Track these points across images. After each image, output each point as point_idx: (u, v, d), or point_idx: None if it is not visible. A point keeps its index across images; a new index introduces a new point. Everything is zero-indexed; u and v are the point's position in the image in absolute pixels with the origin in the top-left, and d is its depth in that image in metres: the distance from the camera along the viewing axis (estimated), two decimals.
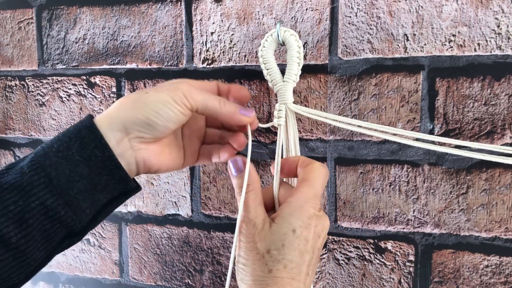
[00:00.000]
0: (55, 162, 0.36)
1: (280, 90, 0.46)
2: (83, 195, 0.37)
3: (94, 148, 0.37)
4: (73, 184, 0.37)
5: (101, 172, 0.38)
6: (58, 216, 0.36)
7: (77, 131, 0.38)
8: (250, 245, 0.38)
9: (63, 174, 0.36)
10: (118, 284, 0.66)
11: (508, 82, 0.46)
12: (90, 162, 0.37)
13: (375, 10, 0.49)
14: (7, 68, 0.68)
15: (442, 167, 0.49)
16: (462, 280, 0.50)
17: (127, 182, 0.39)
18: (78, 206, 0.37)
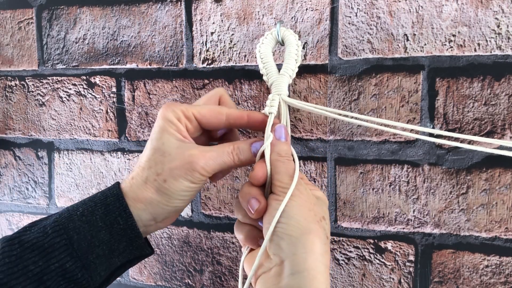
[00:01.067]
0: (78, 226, 0.37)
1: (275, 82, 0.45)
2: (101, 259, 0.38)
3: (118, 216, 0.38)
4: (93, 249, 0.38)
5: (121, 239, 0.39)
6: (75, 278, 0.37)
7: (104, 197, 0.39)
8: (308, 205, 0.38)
9: (85, 238, 0.37)
10: (118, 284, 0.66)
11: (508, 82, 0.46)
12: (112, 229, 0.38)
13: (375, 10, 0.49)
14: (7, 68, 0.68)
15: (442, 167, 0.49)
16: (462, 280, 0.50)
17: (144, 249, 0.41)
18: (95, 269, 0.38)
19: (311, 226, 0.36)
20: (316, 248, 0.35)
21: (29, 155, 0.68)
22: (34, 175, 0.68)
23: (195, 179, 0.39)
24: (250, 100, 0.55)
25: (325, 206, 0.41)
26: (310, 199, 0.38)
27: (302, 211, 0.37)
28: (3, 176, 0.71)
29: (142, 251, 0.41)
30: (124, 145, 0.62)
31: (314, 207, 0.38)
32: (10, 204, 0.71)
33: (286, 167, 0.39)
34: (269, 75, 0.46)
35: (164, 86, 0.59)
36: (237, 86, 0.56)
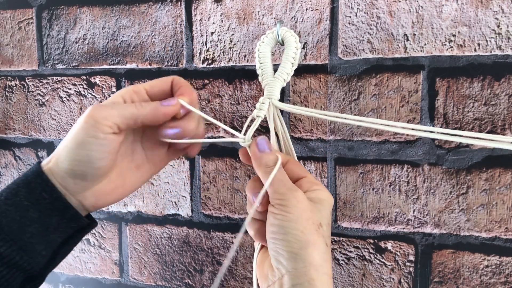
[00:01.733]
0: (4, 210, 0.37)
1: (269, 85, 0.45)
2: (36, 238, 0.37)
3: (42, 191, 0.37)
4: (24, 229, 0.37)
5: (51, 213, 0.38)
6: (14, 262, 0.36)
7: (25, 177, 0.38)
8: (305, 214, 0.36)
9: (14, 220, 0.36)
10: (118, 284, 0.66)
11: (508, 82, 0.46)
12: (39, 205, 0.37)
13: (375, 10, 0.49)
14: (7, 68, 0.68)
15: (442, 167, 0.49)
16: (462, 280, 0.50)
17: (80, 220, 0.39)
18: (32, 249, 0.37)
19: (310, 238, 0.36)
20: (315, 260, 0.35)
21: (29, 155, 0.68)
22: None
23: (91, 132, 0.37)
24: (250, 100, 0.55)
25: (327, 209, 0.39)
26: (308, 207, 0.37)
27: (299, 223, 0.36)
28: (3, 176, 0.71)
29: (79, 223, 0.39)
30: None
31: (312, 215, 0.37)
32: None
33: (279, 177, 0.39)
34: (263, 77, 0.46)
35: None
36: (237, 86, 0.56)
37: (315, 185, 0.40)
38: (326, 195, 0.40)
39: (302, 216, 0.36)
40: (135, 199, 0.63)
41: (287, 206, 0.37)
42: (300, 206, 0.37)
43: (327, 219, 0.38)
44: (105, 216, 0.65)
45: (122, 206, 0.64)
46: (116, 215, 0.64)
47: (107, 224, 0.65)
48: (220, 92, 0.57)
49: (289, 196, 0.37)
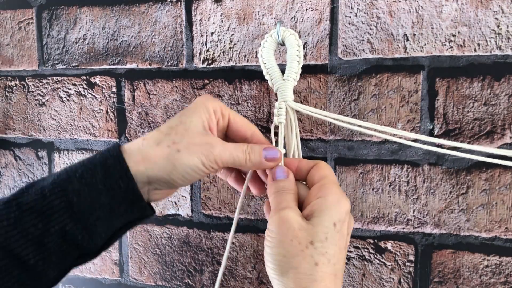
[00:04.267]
0: (77, 188, 0.37)
1: (280, 88, 0.45)
2: (102, 221, 0.38)
3: (119, 179, 0.37)
4: (93, 211, 0.37)
5: (122, 202, 0.38)
6: (76, 240, 0.37)
7: (104, 159, 0.38)
8: (290, 234, 0.36)
9: (85, 201, 0.37)
10: (118, 284, 0.66)
11: (508, 82, 0.46)
12: (113, 192, 0.37)
13: (375, 10, 0.49)
14: (7, 68, 0.68)
15: (442, 167, 0.49)
16: (462, 280, 0.50)
17: (145, 210, 0.40)
18: (95, 231, 0.37)
19: (291, 262, 0.35)
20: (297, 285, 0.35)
21: (29, 155, 0.68)
22: (34, 175, 0.68)
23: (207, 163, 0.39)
24: (250, 100, 0.55)
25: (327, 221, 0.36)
26: (294, 225, 0.36)
27: (282, 247, 0.36)
28: (3, 176, 0.71)
29: (143, 213, 0.40)
30: None
31: (299, 234, 0.36)
32: None
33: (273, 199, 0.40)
34: (273, 81, 0.46)
35: (164, 86, 0.59)
36: (237, 86, 0.56)
37: (322, 191, 0.38)
38: (330, 202, 0.37)
39: (286, 238, 0.36)
40: None
41: (270, 230, 0.37)
42: (284, 227, 0.36)
43: (326, 233, 0.36)
44: None
45: None
46: None
47: None
48: (220, 92, 0.57)
49: (273, 218, 0.37)
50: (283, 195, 0.39)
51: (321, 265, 0.35)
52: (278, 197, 0.39)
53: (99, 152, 0.39)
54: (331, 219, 0.36)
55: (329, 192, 0.38)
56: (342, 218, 0.37)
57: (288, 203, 0.38)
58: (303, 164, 0.42)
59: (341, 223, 0.37)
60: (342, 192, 0.38)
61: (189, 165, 0.38)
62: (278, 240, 0.36)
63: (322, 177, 0.39)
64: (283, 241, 0.36)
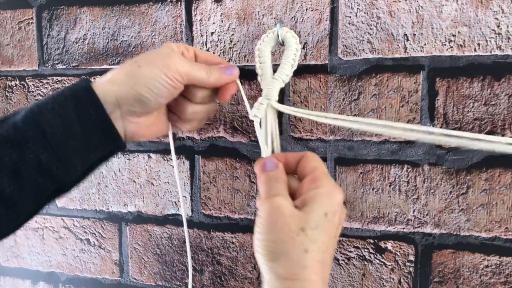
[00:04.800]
0: (50, 118, 0.37)
1: (267, 86, 0.45)
2: (76, 152, 0.38)
3: (89, 107, 0.38)
4: (66, 141, 0.37)
5: (94, 131, 0.38)
6: (51, 171, 0.37)
7: (73, 91, 0.39)
8: (281, 220, 0.36)
9: (58, 131, 0.37)
10: (118, 284, 0.66)
11: (508, 82, 0.46)
12: (84, 121, 0.38)
13: (375, 10, 0.49)
14: (7, 68, 0.68)
15: (442, 167, 0.49)
16: (462, 280, 0.50)
17: (118, 142, 0.40)
18: (70, 162, 0.38)
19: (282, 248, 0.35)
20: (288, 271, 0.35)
21: None
22: None
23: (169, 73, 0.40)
24: (250, 100, 0.55)
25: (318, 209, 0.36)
26: (285, 212, 0.36)
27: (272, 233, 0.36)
28: None
29: (116, 145, 0.40)
30: None
31: (290, 221, 0.36)
32: None
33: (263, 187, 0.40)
34: (263, 77, 0.46)
35: None
36: None
37: (315, 182, 0.38)
38: (322, 193, 0.37)
39: (277, 224, 0.36)
40: (135, 199, 0.63)
41: (261, 216, 0.37)
42: (275, 214, 0.36)
43: (317, 221, 0.36)
44: (105, 216, 0.65)
45: (122, 206, 0.64)
46: (116, 215, 0.65)
47: (107, 224, 0.65)
48: None
49: (264, 205, 0.37)
50: (273, 183, 0.39)
51: (310, 252, 0.35)
52: (268, 185, 0.39)
53: (67, 86, 0.40)
54: (322, 209, 0.36)
55: (322, 184, 0.38)
56: (333, 209, 0.37)
57: (278, 190, 0.38)
58: (290, 156, 0.42)
59: (333, 213, 0.37)
60: (335, 183, 0.39)
61: (151, 76, 0.39)
62: (268, 226, 0.36)
63: (313, 169, 0.39)
64: (274, 227, 0.36)
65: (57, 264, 0.69)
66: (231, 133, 0.57)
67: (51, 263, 0.69)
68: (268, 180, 0.39)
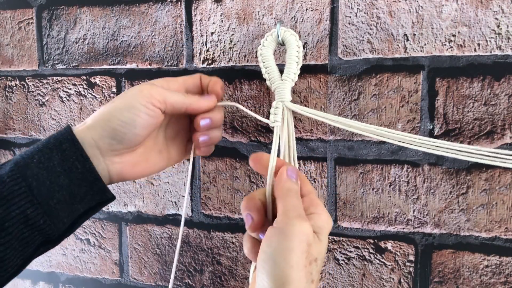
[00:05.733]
0: (36, 172, 0.37)
1: (278, 88, 0.45)
2: (62, 205, 0.38)
3: (75, 160, 0.38)
4: (53, 194, 0.37)
5: (81, 183, 0.39)
6: (37, 225, 0.37)
7: (59, 143, 0.39)
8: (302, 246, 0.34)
9: (44, 184, 0.37)
10: (118, 284, 0.66)
11: (508, 82, 0.46)
12: (70, 173, 0.38)
13: (375, 10, 0.49)
14: (7, 68, 0.68)
15: (442, 167, 0.49)
16: (462, 280, 0.50)
17: (105, 193, 0.40)
18: (57, 215, 0.38)
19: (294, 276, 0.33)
20: None
21: None
22: None
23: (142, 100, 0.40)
24: (250, 100, 0.55)
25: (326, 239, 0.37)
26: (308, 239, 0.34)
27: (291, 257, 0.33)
28: None
29: (103, 196, 0.40)
30: None
31: (309, 249, 0.34)
32: None
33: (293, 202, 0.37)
34: (271, 80, 0.46)
35: None
36: (237, 86, 0.56)
37: (313, 206, 0.37)
38: (325, 220, 0.37)
39: (299, 249, 0.34)
40: (135, 199, 0.63)
41: (287, 234, 0.34)
42: (300, 238, 0.34)
43: (324, 252, 0.36)
44: (105, 216, 0.65)
45: (122, 206, 0.64)
46: (116, 215, 0.65)
47: (107, 224, 0.65)
48: None
49: (295, 223, 0.34)
50: (298, 200, 0.37)
51: (315, 282, 0.35)
52: (295, 201, 0.37)
53: (52, 136, 0.40)
54: (327, 237, 0.37)
55: (322, 209, 0.37)
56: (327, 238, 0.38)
57: (302, 211, 0.36)
58: None
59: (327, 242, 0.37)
60: None
61: (122, 107, 0.40)
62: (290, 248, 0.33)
63: (309, 192, 0.40)
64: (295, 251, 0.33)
65: (57, 264, 0.69)
66: (231, 133, 0.57)
67: (51, 263, 0.69)
68: (291, 192, 0.37)
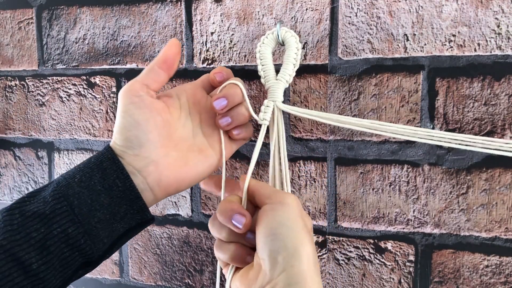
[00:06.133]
0: (77, 191, 0.38)
1: (272, 87, 0.45)
2: (103, 224, 0.38)
3: (116, 178, 0.39)
4: (94, 213, 0.38)
5: (121, 202, 0.39)
6: (78, 244, 0.37)
7: (99, 162, 0.39)
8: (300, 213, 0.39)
9: (85, 203, 0.37)
10: (118, 284, 0.66)
11: (508, 82, 0.46)
12: (111, 192, 0.38)
13: (375, 10, 0.49)
14: (7, 68, 0.68)
15: (442, 167, 0.49)
16: (462, 280, 0.50)
17: (145, 213, 0.40)
18: (97, 235, 0.38)
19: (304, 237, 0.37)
20: (311, 258, 0.36)
21: (29, 155, 0.68)
22: (34, 175, 0.68)
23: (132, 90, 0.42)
24: (250, 100, 0.55)
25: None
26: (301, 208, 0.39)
27: (298, 221, 0.37)
28: (3, 176, 0.71)
29: (144, 216, 0.40)
30: None
31: (304, 217, 0.39)
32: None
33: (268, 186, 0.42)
34: (266, 79, 0.46)
35: (164, 86, 0.59)
36: None
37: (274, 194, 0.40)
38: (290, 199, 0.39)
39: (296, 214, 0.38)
40: None
41: (286, 204, 0.38)
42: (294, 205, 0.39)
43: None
44: None
45: None
46: None
47: None
48: None
49: (285, 195, 0.39)
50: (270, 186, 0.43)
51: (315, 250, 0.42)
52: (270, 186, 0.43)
53: (93, 156, 0.40)
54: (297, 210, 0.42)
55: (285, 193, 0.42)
56: None
57: None
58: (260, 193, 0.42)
59: None
60: None
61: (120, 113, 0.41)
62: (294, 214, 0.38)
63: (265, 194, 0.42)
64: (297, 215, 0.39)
65: None
66: None
67: None
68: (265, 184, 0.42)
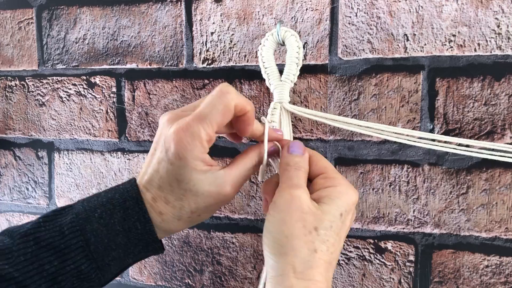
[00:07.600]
0: (96, 228, 0.37)
1: (277, 89, 0.46)
2: (116, 261, 0.38)
3: (136, 221, 0.38)
4: (109, 252, 0.37)
5: (138, 243, 0.38)
6: (89, 278, 0.37)
7: (123, 200, 0.38)
8: (297, 215, 0.34)
9: (102, 242, 0.37)
10: (118, 284, 0.66)
11: (508, 82, 0.46)
12: (129, 233, 0.38)
13: (375, 10, 0.49)
14: (7, 68, 0.68)
15: (442, 167, 0.49)
16: (462, 280, 0.50)
17: (157, 251, 0.40)
18: (109, 270, 0.38)
19: (293, 244, 0.34)
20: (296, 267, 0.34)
21: (29, 155, 0.68)
22: (34, 175, 0.68)
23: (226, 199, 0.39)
24: (250, 100, 0.55)
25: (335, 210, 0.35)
26: (303, 208, 0.35)
27: (286, 227, 0.34)
28: (3, 176, 0.71)
29: (156, 252, 0.41)
30: (124, 145, 0.62)
31: (306, 217, 0.34)
32: (10, 204, 0.71)
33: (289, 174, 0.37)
34: (271, 81, 0.46)
35: (164, 86, 0.59)
36: (237, 86, 0.56)
37: (330, 181, 0.37)
38: (341, 191, 0.36)
39: (292, 218, 0.34)
40: None
41: (277, 205, 0.35)
42: (293, 206, 0.35)
43: (332, 222, 0.35)
44: None
45: None
46: None
47: None
48: None
49: (283, 194, 0.36)
50: (296, 172, 0.37)
51: (319, 253, 0.34)
52: (291, 172, 0.37)
53: (117, 190, 0.39)
54: (339, 208, 0.36)
55: (338, 182, 0.37)
56: (348, 209, 0.36)
57: (300, 181, 0.37)
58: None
59: (346, 213, 0.36)
60: (350, 183, 0.38)
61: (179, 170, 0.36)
62: (282, 219, 0.35)
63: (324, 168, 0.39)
64: (288, 221, 0.34)
65: None
66: None
67: None
68: (291, 166, 0.38)
